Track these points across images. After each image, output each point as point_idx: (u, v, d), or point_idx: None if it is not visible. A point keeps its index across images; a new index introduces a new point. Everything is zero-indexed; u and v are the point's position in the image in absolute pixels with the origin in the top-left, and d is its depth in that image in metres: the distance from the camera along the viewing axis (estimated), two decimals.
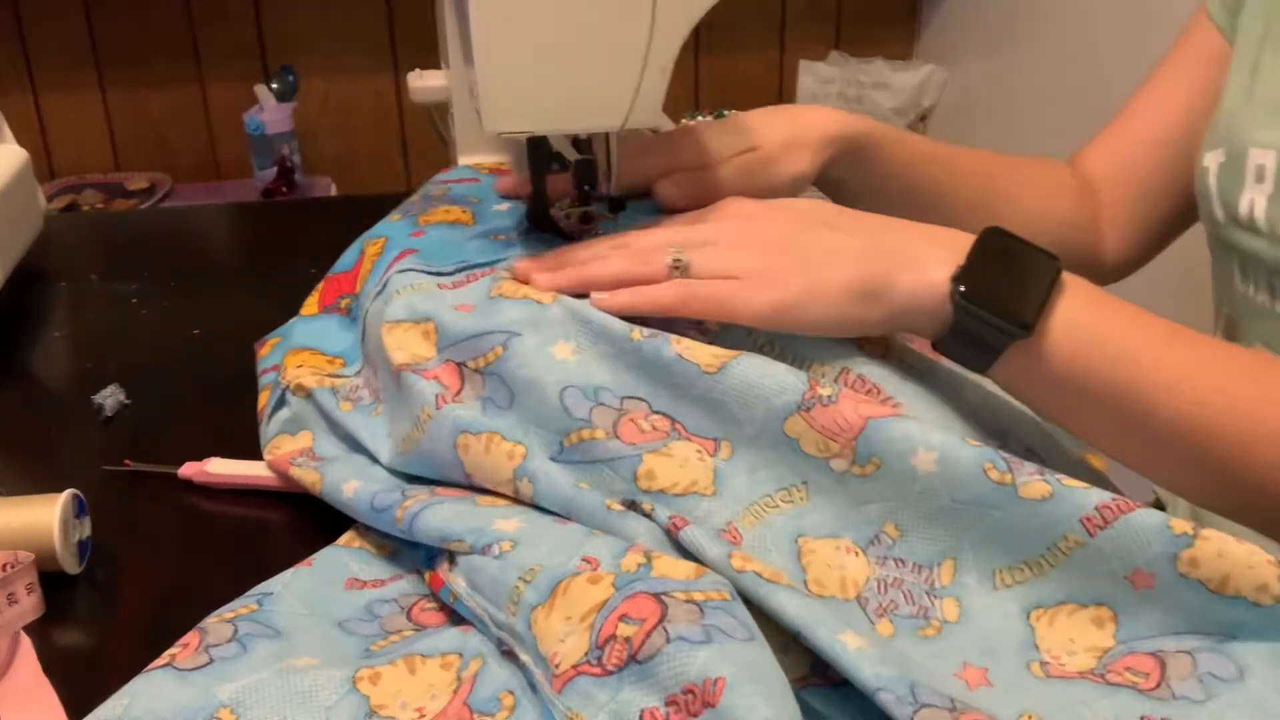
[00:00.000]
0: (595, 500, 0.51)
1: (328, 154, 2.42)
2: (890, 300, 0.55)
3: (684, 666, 0.40)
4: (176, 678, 0.46)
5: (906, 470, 0.50)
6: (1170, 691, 0.45)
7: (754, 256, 0.56)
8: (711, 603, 0.43)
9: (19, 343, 0.83)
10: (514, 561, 0.48)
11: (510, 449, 0.53)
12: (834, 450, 0.51)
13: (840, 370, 0.56)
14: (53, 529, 0.55)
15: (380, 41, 2.36)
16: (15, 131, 1.03)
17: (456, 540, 0.51)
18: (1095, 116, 0.90)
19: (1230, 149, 0.71)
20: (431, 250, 0.65)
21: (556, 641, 0.44)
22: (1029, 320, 0.52)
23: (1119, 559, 0.47)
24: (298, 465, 0.61)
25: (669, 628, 0.41)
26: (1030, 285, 0.53)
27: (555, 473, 0.52)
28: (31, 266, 0.92)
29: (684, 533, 0.49)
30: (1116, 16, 1.69)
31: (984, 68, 2.23)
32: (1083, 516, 0.47)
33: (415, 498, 0.54)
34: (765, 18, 2.49)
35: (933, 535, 0.50)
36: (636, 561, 0.46)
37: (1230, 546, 0.46)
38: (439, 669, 0.48)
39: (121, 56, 2.30)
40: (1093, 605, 0.48)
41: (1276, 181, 0.67)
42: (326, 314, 0.71)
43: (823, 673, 0.46)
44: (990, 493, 0.48)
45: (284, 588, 0.53)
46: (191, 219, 1.14)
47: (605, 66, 0.57)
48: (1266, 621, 0.46)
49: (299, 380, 0.65)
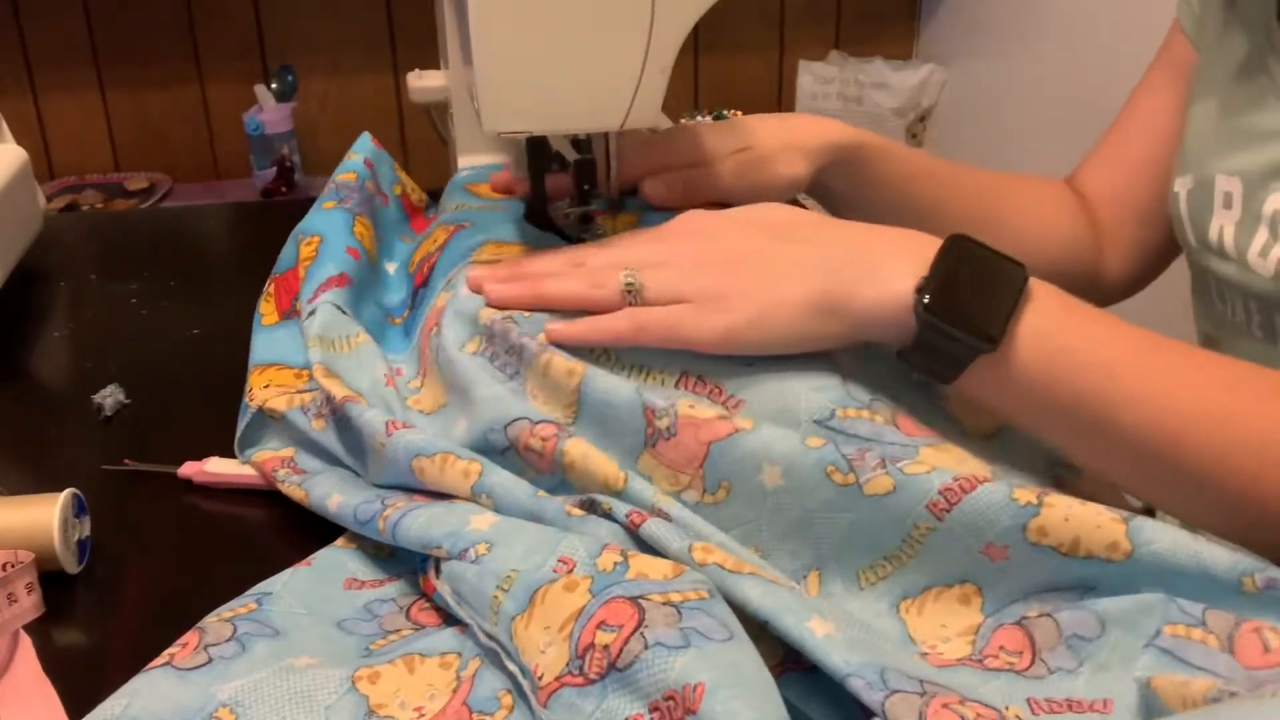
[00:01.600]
0: (555, 507, 0.51)
1: (327, 154, 2.42)
2: (851, 314, 0.53)
3: (663, 673, 0.40)
4: (176, 677, 0.46)
5: (756, 489, 0.50)
6: (1045, 667, 0.46)
7: (706, 278, 0.55)
8: (689, 603, 0.43)
9: (18, 342, 0.83)
10: (490, 568, 0.48)
11: (465, 467, 0.54)
12: (684, 483, 0.51)
13: (679, 375, 0.55)
14: (52, 528, 0.55)
15: (380, 41, 2.35)
16: (15, 131, 1.03)
17: (435, 547, 0.51)
18: (1095, 117, 0.90)
19: (1198, 175, 0.70)
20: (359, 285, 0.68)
21: (537, 653, 0.44)
22: (994, 333, 0.51)
23: (972, 537, 0.48)
24: (283, 480, 0.61)
25: (646, 633, 0.41)
26: (996, 295, 0.51)
27: (511, 484, 0.53)
28: (31, 266, 0.92)
29: (644, 528, 0.49)
30: (1116, 16, 1.69)
31: (984, 68, 2.23)
32: (928, 503, 0.48)
33: (394, 505, 0.54)
34: (765, 17, 2.49)
35: (793, 550, 0.51)
36: (613, 560, 0.46)
37: (1076, 510, 0.47)
38: (438, 668, 0.48)
39: (121, 56, 2.29)
40: (957, 584, 0.49)
41: (1244, 208, 0.66)
42: (285, 321, 0.71)
43: (797, 658, 0.46)
44: (837, 496, 0.49)
45: (283, 587, 0.53)
46: (191, 219, 1.14)
47: (605, 66, 0.57)
48: (1118, 577, 0.47)
49: (269, 403, 0.64)
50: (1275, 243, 0.64)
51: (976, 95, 2.26)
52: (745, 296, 0.54)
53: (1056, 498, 0.47)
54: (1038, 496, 0.47)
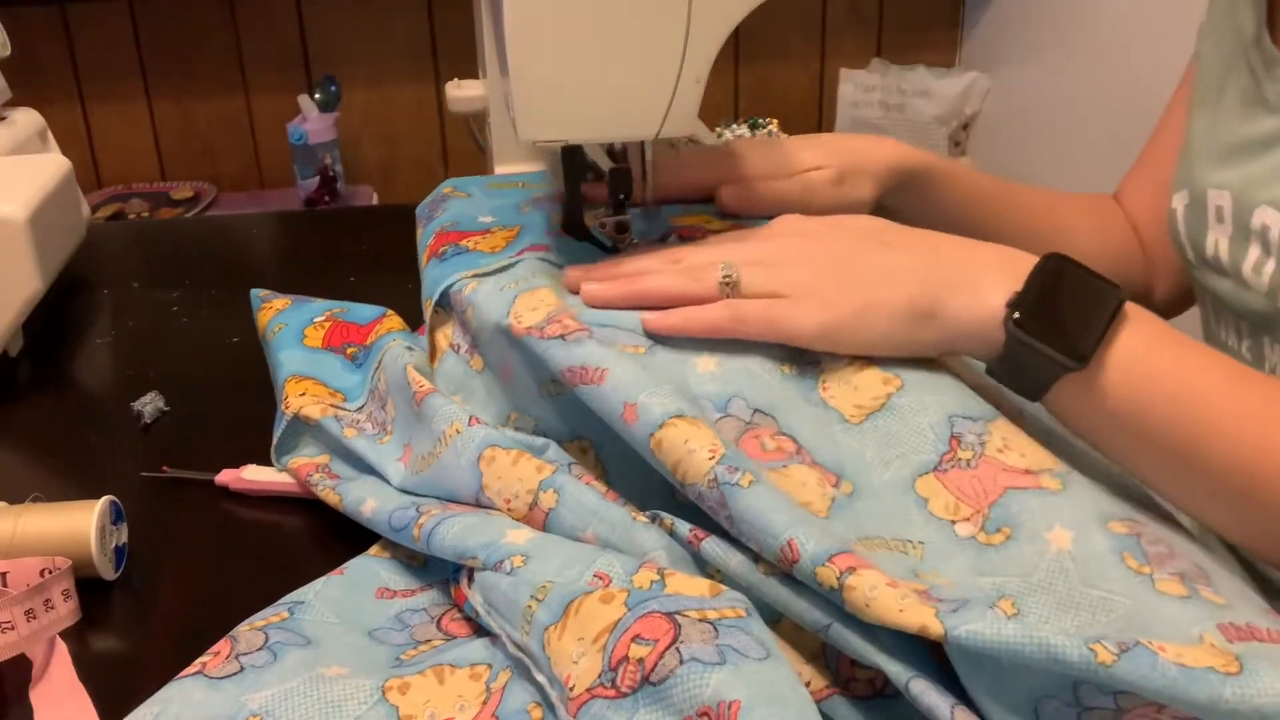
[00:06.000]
0: (621, 512, 0.51)
1: (370, 163, 2.44)
2: (943, 323, 0.53)
3: (698, 689, 0.39)
4: (207, 685, 0.46)
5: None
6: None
7: (805, 275, 0.55)
8: (726, 621, 0.43)
9: (61, 350, 0.84)
10: (525, 578, 0.48)
11: (540, 464, 0.53)
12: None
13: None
14: (89, 535, 0.55)
15: (422, 52, 2.37)
16: (63, 141, 1.04)
17: (470, 557, 0.51)
18: (1139, 125, 0.88)
19: (1192, 190, 0.70)
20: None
21: (570, 663, 0.43)
22: (1085, 351, 0.50)
23: None
24: (316, 484, 0.61)
25: (682, 648, 0.41)
26: (1089, 315, 0.51)
27: (584, 487, 0.52)
28: (75, 274, 0.93)
29: (705, 544, 0.48)
30: (1159, 22, 1.67)
31: (1027, 75, 2.21)
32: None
33: (429, 513, 0.54)
34: (806, 26, 2.48)
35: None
36: (650, 579, 0.46)
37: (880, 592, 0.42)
38: (468, 680, 0.47)
39: (167, 67, 2.33)
40: None
41: (1235, 223, 0.65)
42: (329, 351, 0.71)
43: (846, 685, 0.45)
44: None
45: (315, 596, 0.53)
46: (233, 228, 1.15)
47: (640, 76, 0.57)
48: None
49: (304, 410, 0.64)
50: (1267, 259, 0.63)
51: (1020, 103, 2.24)
52: (844, 294, 0.54)
53: (857, 578, 0.43)
54: (838, 578, 0.43)
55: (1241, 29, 0.68)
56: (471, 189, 0.78)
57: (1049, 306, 0.51)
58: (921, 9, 2.49)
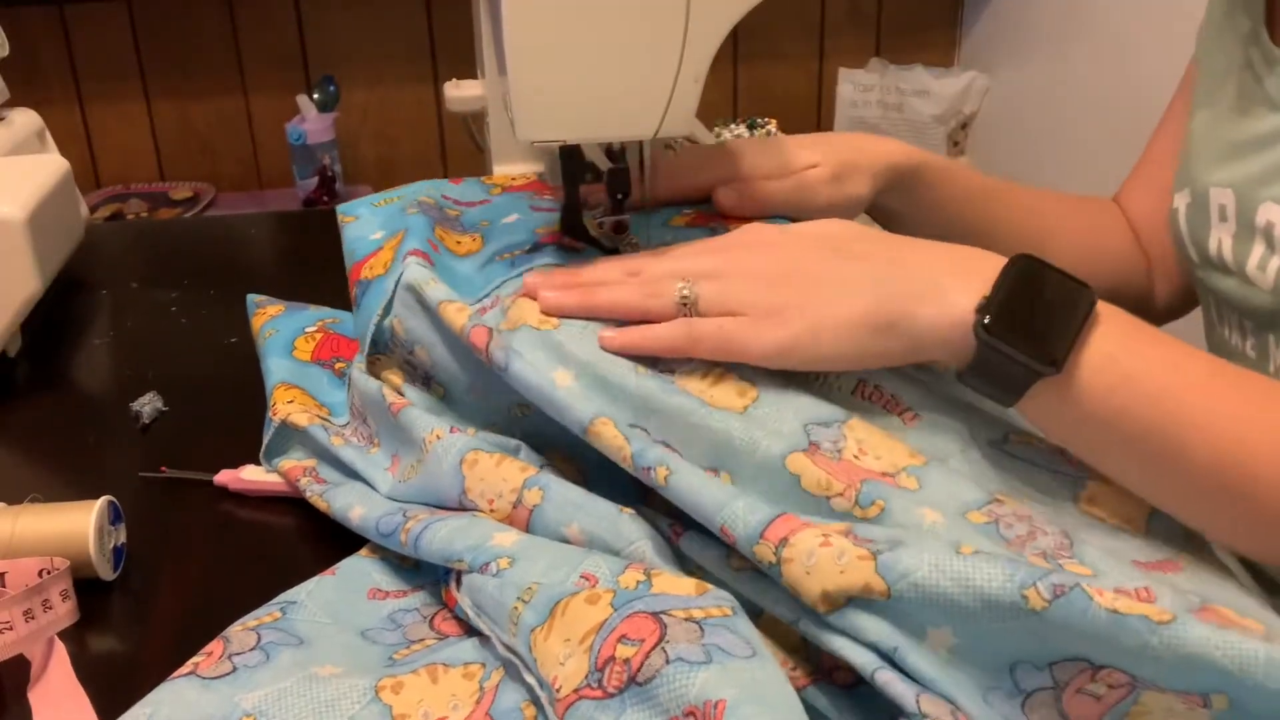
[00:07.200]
0: (606, 504, 0.51)
1: (368, 163, 2.44)
2: (909, 332, 0.52)
3: (684, 688, 0.39)
4: (200, 686, 0.46)
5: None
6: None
7: (762, 291, 0.54)
8: (712, 620, 0.43)
9: (60, 350, 0.84)
10: (512, 580, 0.48)
11: (523, 464, 0.54)
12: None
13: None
14: (88, 536, 0.55)
15: (420, 52, 2.37)
16: (62, 141, 1.04)
17: (457, 560, 0.51)
18: (1138, 124, 0.89)
19: (1194, 189, 0.69)
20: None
21: (556, 664, 0.43)
22: (1058, 356, 0.48)
23: None
24: (306, 489, 0.61)
25: (668, 648, 0.41)
26: (1061, 317, 0.49)
27: (567, 484, 0.52)
28: (74, 274, 0.93)
29: (683, 540, 0.49)
30: (1158, 23, 1.67)
31: (1026, 75, 2.21)
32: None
33: (416, 518, 0.54)
34: (804, 25, 2.48)
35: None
36: (636, 579, 0.46)
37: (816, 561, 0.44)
38: (461, 679, 0.48)
39: (166, 67, 2.33)
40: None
41: (1238, 220, 0.65)
42: (317, 365, 0.71)
43: (828, 675, 0.45)
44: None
45: (307, 596, 0.53)
46: (232, 228, 1.15)
47: (638, 75, 0.57)
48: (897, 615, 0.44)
49: (291, 417, 0.64)
50: (1273, 255, 0.62)
51: (1019, 102, 2.24)
52: (801, 311, 0.53)
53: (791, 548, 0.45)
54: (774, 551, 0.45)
55: (1240, 28, 0.68)
56: (359, 210, 0.76)
57: (1019, 309, 0.50)
58: (920, 9, 2.49)
